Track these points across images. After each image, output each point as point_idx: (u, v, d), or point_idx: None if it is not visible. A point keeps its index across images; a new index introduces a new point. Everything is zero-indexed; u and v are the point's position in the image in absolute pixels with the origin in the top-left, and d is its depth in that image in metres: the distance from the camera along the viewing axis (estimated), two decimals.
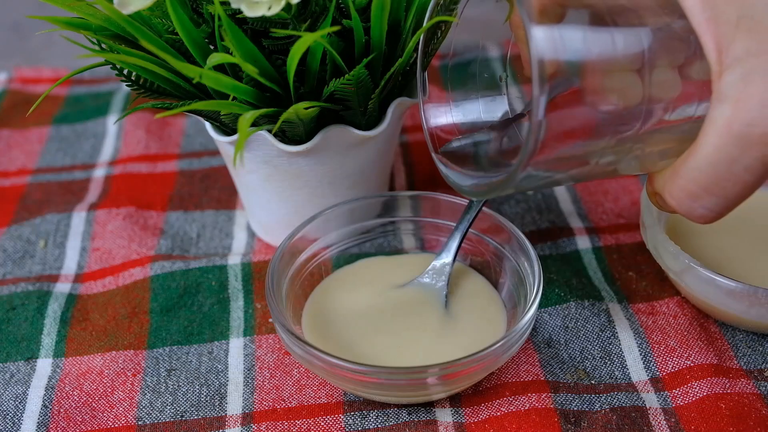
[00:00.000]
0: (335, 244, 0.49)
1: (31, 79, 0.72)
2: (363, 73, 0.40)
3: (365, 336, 0.44)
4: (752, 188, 0.33)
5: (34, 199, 0.59)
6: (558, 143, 0.32)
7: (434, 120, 0.43)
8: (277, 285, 0.43)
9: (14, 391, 0.44)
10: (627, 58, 0.33)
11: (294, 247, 0.46)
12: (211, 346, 0.46)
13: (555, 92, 0.30)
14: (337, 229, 0.49)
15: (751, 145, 0.31)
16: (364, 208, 0.49)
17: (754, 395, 0.42)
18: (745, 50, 0.31)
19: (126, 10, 0.38)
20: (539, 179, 0.34)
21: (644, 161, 0.36)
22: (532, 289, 0.42)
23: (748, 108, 0.31)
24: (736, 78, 0.31)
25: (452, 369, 0.38)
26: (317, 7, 0.41)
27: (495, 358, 0.39)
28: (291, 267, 0.46)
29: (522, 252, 0.44)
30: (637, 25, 0.33)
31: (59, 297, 0.49)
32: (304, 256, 0.47)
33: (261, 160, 0.46)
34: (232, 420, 0.42)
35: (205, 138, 0.64)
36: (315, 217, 0.47)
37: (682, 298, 0.48)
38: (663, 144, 0.35)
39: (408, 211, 0.50)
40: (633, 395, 0.42)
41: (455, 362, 0.38)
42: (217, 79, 0.39)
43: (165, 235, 0.54)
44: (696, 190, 0.34)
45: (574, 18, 0.33)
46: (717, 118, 0.32)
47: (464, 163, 0.41)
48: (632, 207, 0.55)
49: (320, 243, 0.48)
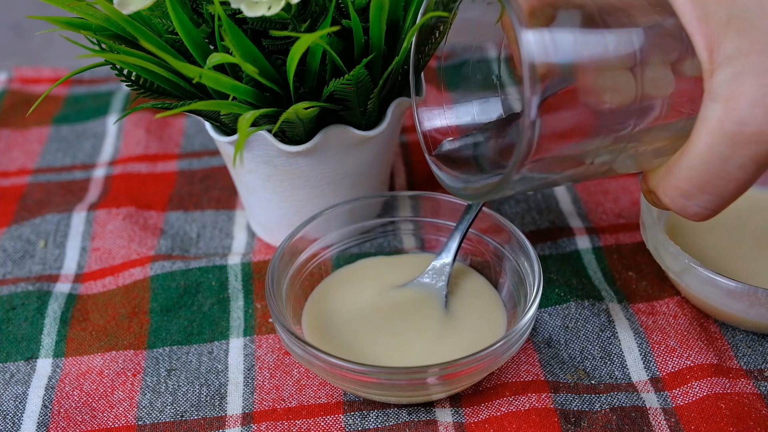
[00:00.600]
0: (335, 244, 0.49)
1: (31, 79, 0.72)
2: (362, 73, 0.40)
3: (365, 336, 0.44)
4: (745, 186, 0.33)
5: (34, 199, 0.59)
6: (551, 144, 0.32)
7: (429, 122, 0.43)
8: (277, 285, 0.43)
9: (14, 391, 0.44)
10: (619, 57, 0.33)
11: (294, 247, 0.46)
12: (211, 346, 0.46)
13: (547, 93, 0.30)
14: (337, 229, 0.49)
15: (743, 144, 0.31)
16: (364, 208, 0.49)
17: (754, 395, 0.42)
18: (735, 49, 0.31)
19: (126, 10, 0.39)
20: (535, 181, 0.34)
21: (639, 160, 0.36)
22: (532, 289, 0.42)
23: (739, 107, 0.31)
24: (727, 77, 0.31)
25: (452, 369, 0.38)
26: (317, 7, 0.41)
27: (495, 358, 0.39)
28: (291, 267, 0.46)
29: (522, 252, 0.44)
30: (628, 24, 0.33)
31: (59, 297, 0.49)
32: (304, 256, 0.47)
33: (261, 160, 0.46)
34: (232, 420, 0.42)
35: (205, 138, 0.64)
36: (315, 217, 0.47)
37: (682, 298, 0.48)
38: (657, 142, 0.35)
39: (408, 211, 0.50)
40: (633, 395, 0.42)
41: (455, 362, 0.38)
42: (217, 79, 0.39)
43: (165, 235, 0.54)
44: (689, 189, 0.34)
45: (564, 19, 0.33)
46: (709, 117, 0.32)
47: (460, 166, 0.41)
48: (632, 207, 0.55)
49: (320, 243, 0.48)
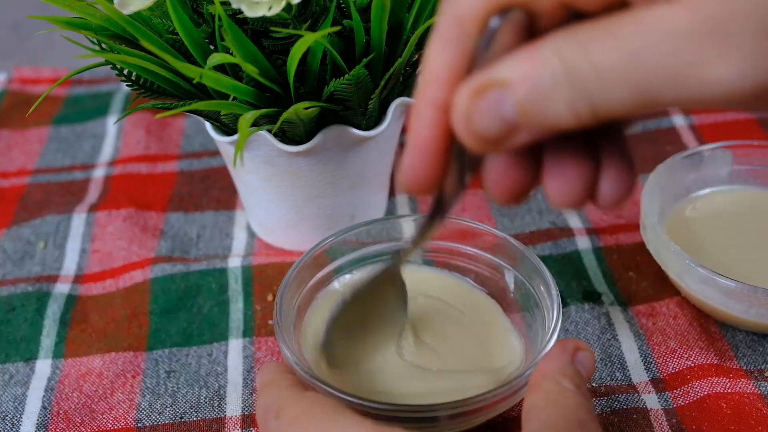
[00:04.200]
0: (344, 269, 0.46)
1: (31, 79, 0.72)
2: (363, 73, 0.40)
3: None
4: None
5: (33, 199, 0.58)
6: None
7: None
8: (285, 316, 0.41)
9: (13, 393, 0.44)
10: None
11: (303, 273, 0.43)
12: (211, 347, 0.46)
13: None
14: (347, 255, 0.46)
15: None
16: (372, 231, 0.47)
17: (754, 395, 0.42)
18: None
19: (126, 10, 0.38)
20: None
21: None
22: (550, 316, 0.40)
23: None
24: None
25: (464, 407, 0.36)
26: (317, 7, 0.41)
27: (507, 397, 0.38)
28: (299, 295, 0.43)
29: (537, 275, 0.42)
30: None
31: (59, 298, 0.49)
32: (312, 282, 0.45)
33: (261, 160, 0.46)
34: (231, 422, 0.42)
35: (205, 138, 0.64)
36: (324, 241, 0.45)
37: (682, 298, 0.48)
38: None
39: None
40: (634, 396, 0.42)
41: (467, 400, 0.36)
42: (217, 79, 0.39)
43: (165, 236, 0.54)
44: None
45: None
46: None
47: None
48: (632, 207, 0.55)
49: (330, 267, 0.46)
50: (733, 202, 0.52)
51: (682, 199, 0.51)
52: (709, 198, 0.52)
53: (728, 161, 0.52)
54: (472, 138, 0.25)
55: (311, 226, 0.50)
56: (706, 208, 0.51)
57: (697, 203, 0.51)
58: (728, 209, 0.51)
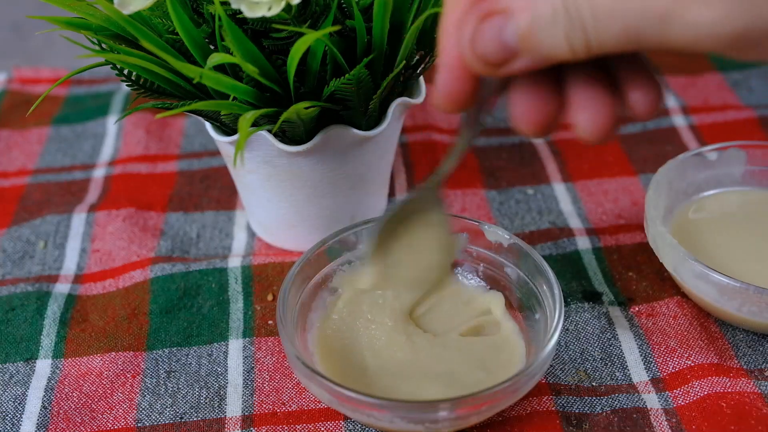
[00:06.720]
0: (344, 264, 0.47)
1: (31, 79, 0.72)
2: (363, 73, 0.40)
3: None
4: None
5: (33, 199, 0.58)
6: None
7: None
8: (288, 314, 0.41)
9: (13, 392, 0.44)
10: None
11: (305, 271, 0.44)
12: (211, 347, 0.46)
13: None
14: (351, 251, 0.46)
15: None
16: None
17: (754, 394, 0.42)
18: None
19: (126, 10, 0.38)
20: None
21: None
22: (552, 316, 0.40)
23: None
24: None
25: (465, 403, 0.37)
26: (318, 7, 0.41)
27: (508, 394, 0.38)
28: (301, 293, 0.44)
29: (540, 274, 0.43)
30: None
31: (59, 298, 0.49)
32: (315, 280, 0.45)
33: (261, 160, 0.46)
34: (231, 422, 0.42)
35: (205, 138, 0.64)
36: (326, 240, 0.45)
37: (682, 298, 0.48)
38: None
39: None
40: (634, 396, 0.42)
41: (468, 396, 0.37)
42: (217, 79, 0.39)
43: (165, 236, 0.54)
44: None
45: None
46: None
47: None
48: (632, 207, 0.55)
49: (332, 265, 0.46)
50: (746, 202, 0.51)
51: (691, 197, 0.51)
52: (720, 198, 0.52)
53: (742, 161, 0.51)
54: (475, 59, 0.27)
55: (311, 226, 0.50)
56: (716, 208, 0.51)
57: (707, 203, 0.51)
58: (740, 210, 0.51)
